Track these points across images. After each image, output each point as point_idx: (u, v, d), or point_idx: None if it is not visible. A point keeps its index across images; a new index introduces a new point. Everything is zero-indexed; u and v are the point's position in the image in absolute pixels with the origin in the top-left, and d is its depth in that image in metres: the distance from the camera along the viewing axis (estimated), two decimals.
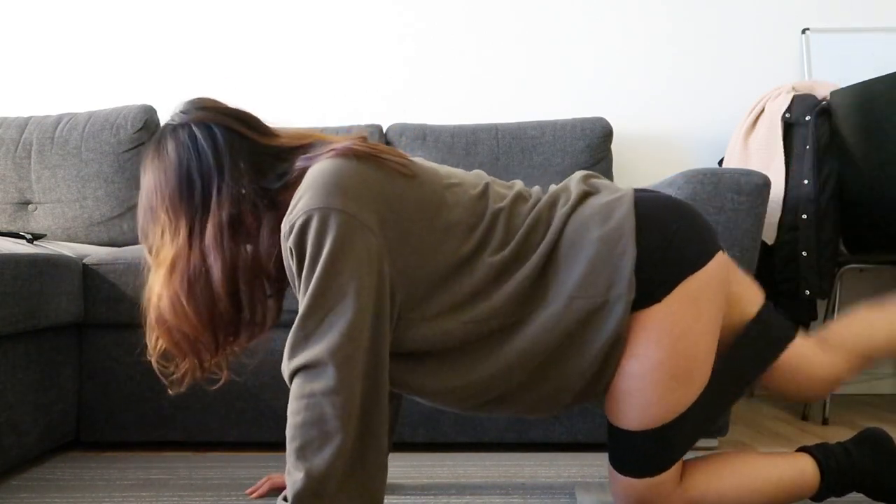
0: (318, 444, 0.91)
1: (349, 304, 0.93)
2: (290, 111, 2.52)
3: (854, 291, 2.54)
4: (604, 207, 1.06)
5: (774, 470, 1.11)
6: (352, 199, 0.95)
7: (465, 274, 1.02)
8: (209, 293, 1.04)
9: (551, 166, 2.24)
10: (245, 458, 1.59)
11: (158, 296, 1.05)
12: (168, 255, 1.04)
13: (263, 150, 1.08)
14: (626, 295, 1.00)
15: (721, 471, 1.11)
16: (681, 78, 2.56)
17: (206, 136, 1.06)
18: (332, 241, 0.93)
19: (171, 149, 1.06)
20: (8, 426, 1.42)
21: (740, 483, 1.10)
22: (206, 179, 1.04)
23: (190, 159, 1.05)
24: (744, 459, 1.14)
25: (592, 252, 1.02)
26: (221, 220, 1.03)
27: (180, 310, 1.04)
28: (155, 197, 1.06)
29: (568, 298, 1.01)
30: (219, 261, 1.03)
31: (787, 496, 1.11)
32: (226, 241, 1.03)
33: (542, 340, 1.01)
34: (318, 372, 0.92)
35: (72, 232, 2.21)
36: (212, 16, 2.57)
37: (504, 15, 2.57)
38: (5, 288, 1.35)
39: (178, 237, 1.04)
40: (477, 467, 1.52)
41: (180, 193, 1.05)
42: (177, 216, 1.05)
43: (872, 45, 2.46)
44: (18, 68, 2.57)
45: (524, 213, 1.07)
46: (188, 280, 1.03)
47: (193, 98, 1.12)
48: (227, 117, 1.09)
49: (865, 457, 1.13)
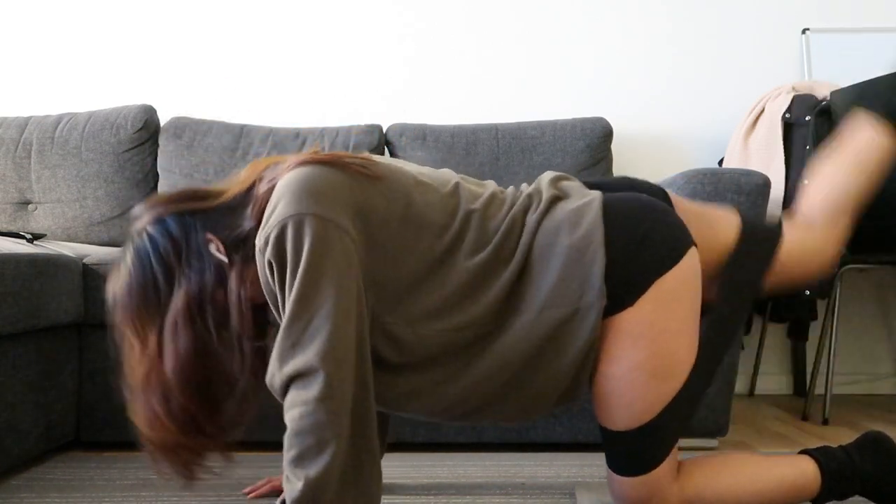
0: (316, 452, 0.91)
1: (333, 308, 0.92)
2: (290, 111, 2.52)
3: (854, 291, 2.55)
4: (572, 214, 1.06)
5: (774, 472, 1.11)
6: (323, 203, 0.95)
7: (439, 277, 1.02)
8: (176, 398, 1.02)
9: (551, 166, 2.24)
10: (245, 458, 1.59)
11: (139, 417, 1.05)
12: (141, 370, 1.04)
13: (216, 210, 1.07)
14: (598, 302, 1.01)
15: (720, 472, 1.11)
16: (681, 78, 2.56)
17: (159, 231, 1.05)
18: (309, 245, 0.92)
19: (129, 260, 1.06)
20: (8, 426, 1.42)
21: (739, 484, 1.10)
22: (168, 276, 1.03)
23: (150, 261, 1.04)
24: (743, 460, 1.13)
25: (562, 260, 1.02)
26: (177, 312, 1.01)
27: (159, 424, 1.03)
28: (122, 313, 1.06)
29: (540, 308, 1.02)
30: (171, 357, 1.01)
31: (787, 498, 1.10)
32: (181, 333, 1.01)
33: (517, 350, 1.02)
34: (311, 379, 0.92)
35: (72, 232, 2.21)
36: (212, 16, 2.57)
37: (504, 15, 2.57)
38: (5, 288, 1.35)
39: (148, 348, 1.03)
40: (477, 467, 1.52)
41: (145, 301, 1.04)
42: (143, 326, 1.04)
43: (872, 45, 2.46)
44: (18, 68, 2.57)
45: (500, 217, 1.07)
46: (163, 393, 1.02)
47: (144, 201, 1.13)
48: (173, 204, 1.08)
49: (867, 460, 1.12)
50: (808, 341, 2.50)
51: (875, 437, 1.15)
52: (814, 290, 2.04)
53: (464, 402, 1.04)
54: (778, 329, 2.56)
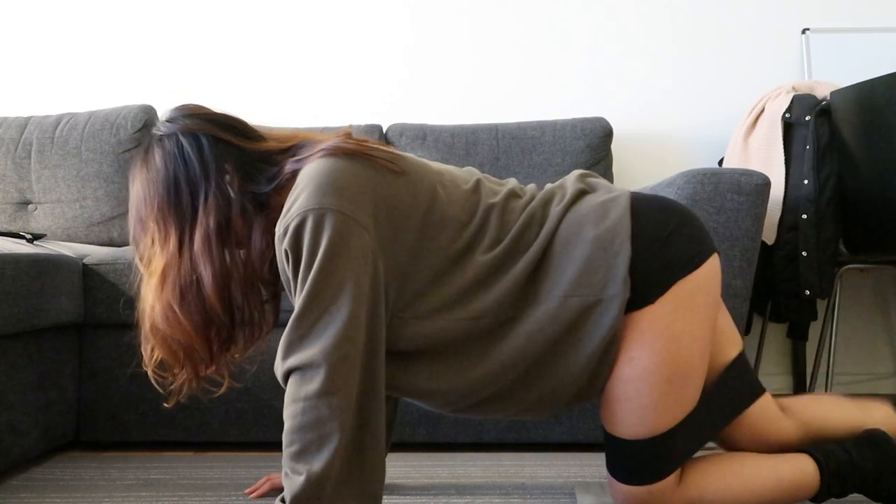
0: (317, 447, 0.91)
1: (345, 304, 0.93)
2: (290, 111, 2.52)
3: (854, 291, 2.55)
4: (600, 206, 1.06)
5: (774, 471, 1.11)
6: (346, 198, 0.95)
7: (457, 271, 1.02)
8: (201, 301, 1.03)
9: (551, 166, 2.24)
10: (245, 458, 1.60)
11: (151, 306, 1.05)
12: (159, 264, 1.04)
13: (251, 155, 1.08)
14: (622, 294, 1.00)
15: (721, 471, 1.11)
16: (681, 78, 2.56)
17: (193, 146, 1.06)
18: (327, 240, 0.93)
19: (157, 158, 1.07)
20: (8, 426, 1.42)
21: (741, 484, 1.10)
22: (193, 188, 1.05)
23: (177, 168, 1.05)
24: (743, 460, 1.13)
25: (587, 251, 1.02)
26: (209, 228, 1.03)
27: (173, 319, 1.04)
28: (144, 207, 1.07)
29: (562, 296, 1.01)
30: (209, 268, 1.03)
31: (787, 497, 1.11)
32: (215, 249, 1.03)
33: (535, 338, 1.01)
34: (313, 373, 0.92)
35: (72, 232, 2.21)
36: (212, 16, 2.57)
37: (504, 15, 2.57)
38: (5, 288, 1.35)
39: (168, 246, 1.04)
40: (477, 467, 1.52)
41: (168, 203, 1.05)
42: (166, 225, 1.05)
43: (872, 45, 2.46)
44: (18, 68, 2.57)
45: (518, 210, 1.07)
46: (180, 289, 1.03)
47: (180, 105, 1.12)
48: (213, 125, 1.08)
49: (866, 458, 1.12)
50: (808, 341, 2.50)
51: (873, 434, 1.15)
52: (814, 290, 2.04)
53: (479, 390, 1.04)
54: (778, 329, 2.56)
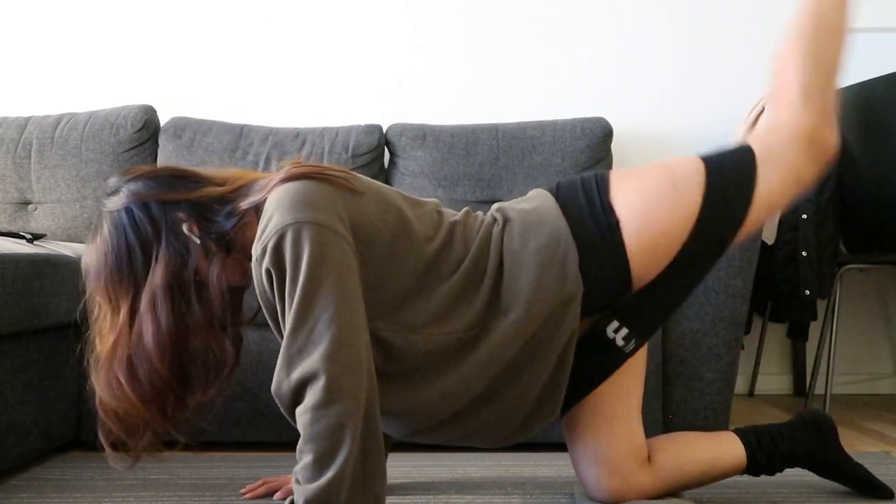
0: (331, 455, 0.91)
1: (337, 311, 0.93)
2: (291, 111, 2.52)
3: (854, 291, 2.55)
4: (532, 214, 1.11)
5: (719, 447, 1.23)
6: (320, 210, 0.96)
7: (429, 286, 1.05)
8: (149, 369, 1.03)
9: (551, 166, 2.24)
10: (245, 458, 1.60)
11: (98, 381, 1.06)
12: (110, 338, 1.05)
13: (201, 200, 1.08)
14: (577, 290, 1.06)
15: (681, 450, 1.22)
16: (681, 78, 2.56)
17: (142, 210, 1.06)
18: (309, 251, 0.93)
19: (106, 232, 1.07)
20: (8, 426, 1.42)
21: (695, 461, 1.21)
22: (146, 249, 1.05)
23: (127, 237, 1.05)
24: (693, 438, 1.26)
25: (538, 260, 1.06)
26: (157, 286, 1.03)
27: (120, 392, 1.04)
28: (95, 281, 1.07)
29: (526, 304, 1.05)
30: (152, 327, 1.02)
31: (726, 471, 1.23)
32: (162, 308, 1.03)
33: (506, 347, 1.05)
34: (319, 383, 0.91)
35: (72, 232, 2.21)
36: (212, 16, 2.57)
37: (504, 15, 2.57)
38: (5, 288, 1.35)
39: (119, 317, 1.04)
40: (477, 467, 1.52)
41: (120, 273, 1.05)
42: (117, 297, 1.05)
43: (872, 45, 2.46)
44: (18, 68, 2.57)
45: (476, 228, 1.12)
46: (128, 361, 1.03)
47: (122, 170, 1.14)
48: (157, 185, 1.09)
49: (809, 437, 1.25)
50: (808, 341, 2.50)
51: (813, 414, 1.28)
52: (814, 290, 2.04)
53: (446, 408, 1.06)
54: (778, 329, 2.56)
